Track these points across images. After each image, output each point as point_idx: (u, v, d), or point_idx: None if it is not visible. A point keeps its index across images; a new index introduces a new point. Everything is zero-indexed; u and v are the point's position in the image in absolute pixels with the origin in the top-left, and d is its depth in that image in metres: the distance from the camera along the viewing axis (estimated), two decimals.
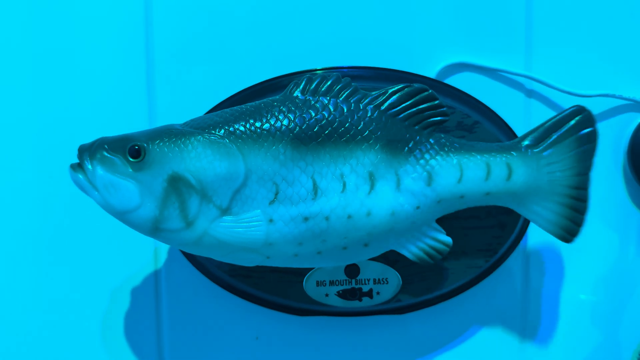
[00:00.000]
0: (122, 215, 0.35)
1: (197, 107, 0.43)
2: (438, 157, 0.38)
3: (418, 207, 0.37)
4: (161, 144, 0.35)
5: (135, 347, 0.45)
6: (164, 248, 0.45)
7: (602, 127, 0.46)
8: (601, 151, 0.46)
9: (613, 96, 0.45)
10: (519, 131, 0.44)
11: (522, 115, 0.45)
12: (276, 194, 0.36)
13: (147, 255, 0.45)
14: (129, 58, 0.44)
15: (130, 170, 0.35)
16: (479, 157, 0.38)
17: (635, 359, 0.46)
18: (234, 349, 0.45)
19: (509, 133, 0.43)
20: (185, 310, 0.45)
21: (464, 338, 0.46)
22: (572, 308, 0.47)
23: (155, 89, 0.44)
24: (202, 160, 0.35)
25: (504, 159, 0.38)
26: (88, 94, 0.44)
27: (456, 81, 0.45)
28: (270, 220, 0.36)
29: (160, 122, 0.44)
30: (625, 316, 0.47)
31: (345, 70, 0.43)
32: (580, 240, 0.46)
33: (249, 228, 0.36)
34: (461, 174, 0.38)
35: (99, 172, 0.35)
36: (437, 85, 0.43)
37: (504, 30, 0.45)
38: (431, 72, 0.44)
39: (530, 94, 0.45)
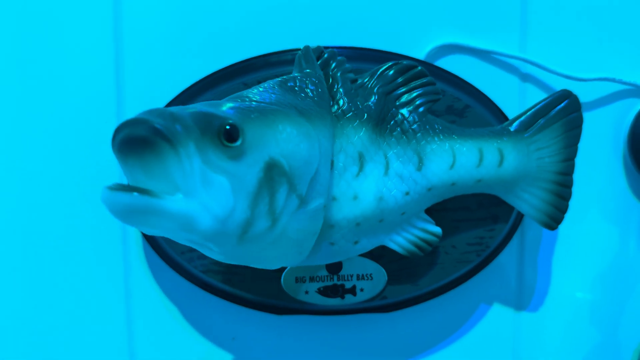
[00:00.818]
0: (219, 225, 0.26)
1: (167, 89, 0.40)
2: (430, 141, 0.35)
3: (407, 193, 0.35)
4: (257, 121, 0.27)
5: (106, 348, 0.42)
6: (133, 244, 0.42)
7: (600, 113, 0.43)
8: (600, 139, 0.43)
9: (612, 80, 0.42)
10: (512, 115, 0.42)
11: (517, 100, 0.43)
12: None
13: (116, 252, 0.41)
14: (96, 42, 0.41)
15: (226, 158, 0.26)
16: (471, 142, 0.36)
17: (636, 358, 0.43)
18: (210, 350, 0.42)
19: (502, 118, 0.40)
20: (159, 310, 0.42)
21: (454, 337, 0.43)
22: (569, 305, 0.44)
23: (124, 75, 0.41)
24: (291, 142, 0.29)
25: (495, 144, 0.36)
26: (53, 77, 0.41)
27: (447, 63, 0.42)
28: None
29: (130, 107, 0.41)
30: (625, 313, 0.44)
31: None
32: (578, 233, 0.43)
33: (316, 218, 0.31)
34: (454, 160, 0.36)
35: (196, 161, 0.25)
36: (426, 67, 0.40)
37: (498, 9, 0.42)
38: (420, 54, 0.42)
39: (525, 77, 0.43)
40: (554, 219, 0.38)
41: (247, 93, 0.31)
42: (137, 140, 0.25)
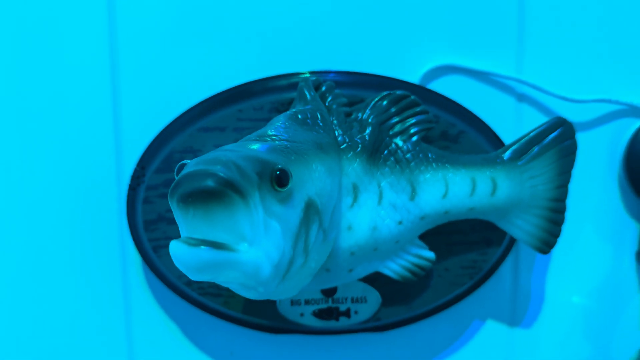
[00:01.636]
0: (275, 270, 0.26)
1: (164, 114, 0.40)
2: (424, 171, 0.36)
3: (400, 222, 0.35)
4: (297, 163, 0.28)
5: None
6: (133, 268, 0.42)
7: (597, 133, 0.43)
8: (596, 159, 0.43)
9: (609, 101, 0.42)
10: (508, 138, 0.42)
11: (513, 121, 0.43)
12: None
13: (115, 272, 0.42)
14: (94, 61, 0.41)
15: (278, 204, 0.26)
16: (464, 171, 0.36)
17: None
18: None
19: (497, 142, 0.40)
20: (158, 328, 0.43)
21: (449, 355, 0.44)
22: (563, 326, 0.45)
23: (120, 98, 0.41)
24: (321, 180, 0.29)
25: (488, 173, 0.37)
26: (51, 96, 0.41)
27: (442, 85, 0.42)
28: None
29: (127, 131, 0.41)
30: (618, 331, 0.45)
31: (318, 75, 0.40)
32: (572, 252, 0.44)
33: (329, 248, 0.31)
34: (447, 190, 0.36)
35: (260, 210, 0.25)
36: (420, 92, 0.40)
37: (494, 31, 0.42)
38: (416, 75, 0.42)
39: (522, 98, 0.43)
40: (546, 244, 0.38)
41: (268, 130, 0.31)
42: (204, 192, 0.24)
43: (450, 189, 0.36)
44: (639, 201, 0.43)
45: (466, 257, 0.40)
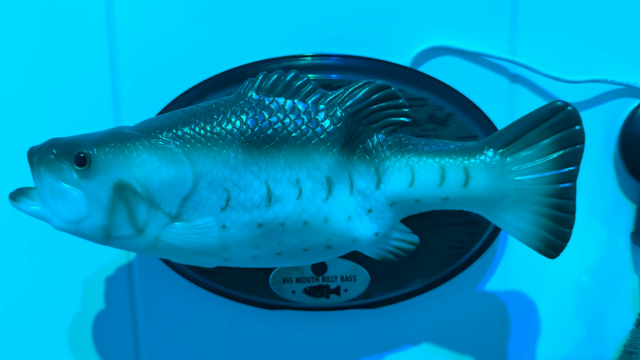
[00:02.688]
0: (72, 226, 0.34)
1: (162, 97, 0.42)
2: (392, 158, 0.36)
3: (370, 211, 0.36)
4: (107, 150, 0.34)
5: (111, 340, 0.46)
6: None
7: (592, 114, 0.43)
8: (591, 140, 0.43)
9: (604, 81, 0.42)
10: (500, 120, 0.42)
11: (505, 103, 0.43)
12: (227, 200, 0.34)
13: (121, 256, 0.44)
14: (91, 46, 0.42)
15: (76, 178, 0.34)
16: (432, 160, 0.35)
17: (620, 353, 0.45)
18: (209, 339, 0.46)
19: (487, 124, 0.41)
20: (159, 303, 0.45)
21: (439, 332, 0.45)
22: (554, 303, 0.45)
23: (119, 80, 0.42)
24: (147, 167, 0.34)
25: (460, 162, 0.35)
26: (50, 85, 0.43)
27: (434, 66, 0.42)
28: (223, 227, 0.35)
29: (126, 114, 0.43)
30: (611, 311, 0.45)
31: (309, 59, 0.40)
32: None
33: (202, 235, 0.35)
34: (412, 178, 0.35)
35: (47, 179, 0.34)
36: (409, 75, 0.40)
37: (487, 11, 0.41)
38: (407, 57, 0.42)
39: (515, 79, 0.43)
40: (550, 247, 0.35)
41: (166, 115, 0.36)
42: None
43: (417, 178, 0.35)
44: (635, 182, 0.43)
45: (454, 237, 0.41)
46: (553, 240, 0.35)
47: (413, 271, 0.42)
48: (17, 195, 0.35)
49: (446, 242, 0.41)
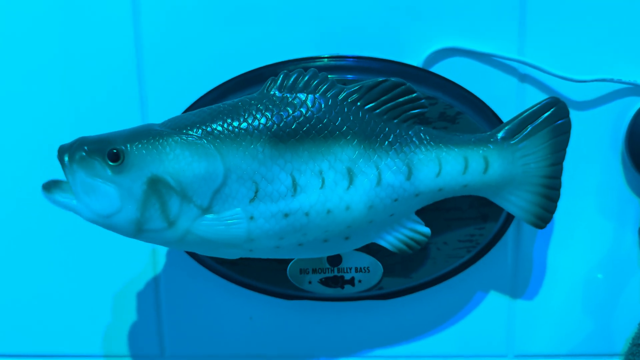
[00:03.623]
0: (104, 219, 0.36)
1: (187, 96, 0.44)
2: (417, 151, 0.38)
3: (396, 200, 0.38)
4: (140, 146, 0.36)
5: (135, 329, 0.48)
6: None
7: (600, 112, 0.44)
8: (599, 138, 0.44)
9: (611, 80, 0.43)
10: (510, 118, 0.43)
11: (515, 102, 0.44)
12: (256, 192, 0.36)
13: (146, 250, 0.47)
14: (118, 48, 0.44)
15: (110, 173, 0.35)
16: (457, 150, 0.38)
17: (628, 347, 0.46)
18: (230, 329, 0.48)
19: (496, 122, 0.42)
20: (182, 292, 0.47)
21: (450, 323, 0.47)
22: (563, 297, 0.46)
23: (145, 81, 0.45)
24: (180, 162, 0.36)
25: (481, 152, 0.39)
26: (77, 85, 0.45)
27: (445, 67, 0.44)
28: (251, 218, 0.37)
29: (152, 112, 0.45)
30: (619, 305, 0.46)
31: (325, 60, 0.42)
32: (575, 228, 0.45)
33: (230, 226, 0.37)
34: (440, 168, 0.38)
35: (79, 175, 0.36)
36: (420, 75, 0.42)
37: (497, 13, 0.43)
38: (419, 58, 0.43)
39: (524, 79, 0.44)
40: (541, 219, 0.40)
41: (189, 115, 0.37)
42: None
43: (444, 168, 0.38)
44: None
45: (463, 231, 0.42)
46: (544, 213, 0.40)
47: (423, 264, 0.43)
48: (50, 187, 0.36)
49: (456, 236, 0.43)
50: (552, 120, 0.39)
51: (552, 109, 0.39)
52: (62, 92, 0.45)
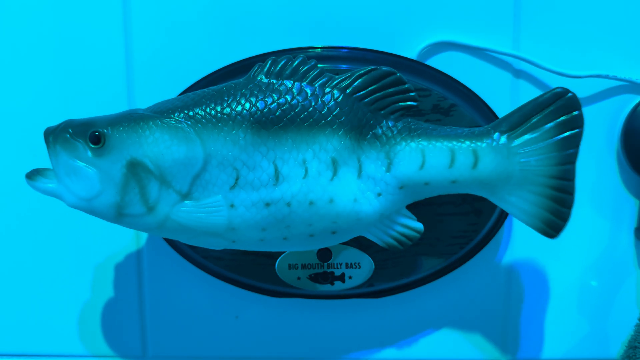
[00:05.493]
0: (85, 203, 0.35)
1: (175, 86, 0.43)
2: (402, 143, 0.36)
3: (379, 194, 0.36)
4: (121, 129, 0.35)
5: (118, 325, 0.47)
6: (144, 236, 0.45)
7: (595, 109, 0.44)
8: (594, 135, 0.44)
9: (607, 77, 0.43)
10: (504, 114, 0.43)
11: (509, 97, 0.44)
12: (237, 179, 0.35)
13: (129, 236, 0.45)
14: (107, 37, 0.44)
15: (91, 155, 0.35)
16: (442, 143, 0.36)
17: (624, 350, 0.45)
18: (215, 328, 0.46)
19: (490, 116, 0.41)
20: (166, 290, 0.46)
21: (443, 322, 0.46)
22: (557, 297, 0.45)
23: (134, 69, 0.44)
24: (159, 145, 0.35)
25: (469, 145, 0.36)
26: (65, 76, 0.44)
27: (439, 61, 0.43)
28: (232, 206, 0.36)
29: (140, 101, 0.44)
30: (615, 307, 0.45)
31: (319, 50, 0.41)
32: (571, 228, 0.44)
33: (210, 213, 0.36)
34: (423, 161, 0.36)
35: (62, 156, 0.35)
36: (414, 66, 0.41)
37: (491, 7, 0.43)
38: (413, 52, 0.43)
39: (518, 74, 0.43)
40: (550, 226, 0.36)
41: (174, 99, 0.37)
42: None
43: (427, 161, 0.36)
44: (637, 178, 0.44)
45: (456, 227, 0.41)
46: (554, 220, 0.36)
47: (415, 260, 0.42)
48: (34, 174, 0.36)
49: (448, 232, 0.42)
50: (559, 114, 0.35)
51: (557, 102, 0.35)
52: (51, 81, 0.44)
